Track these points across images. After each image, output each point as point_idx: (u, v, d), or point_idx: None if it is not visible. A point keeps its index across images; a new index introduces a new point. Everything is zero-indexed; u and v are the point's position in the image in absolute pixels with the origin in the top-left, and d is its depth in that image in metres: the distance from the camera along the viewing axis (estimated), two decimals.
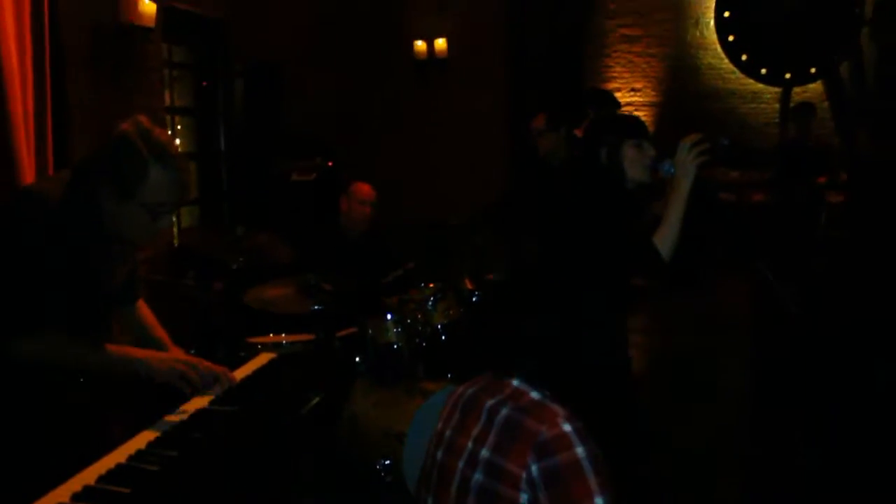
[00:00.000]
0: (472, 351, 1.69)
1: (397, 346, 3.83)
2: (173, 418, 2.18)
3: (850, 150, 5.86)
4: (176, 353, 2.44)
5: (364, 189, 4.43)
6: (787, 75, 9.06)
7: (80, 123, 4.17)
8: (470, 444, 1.58)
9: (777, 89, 9.33)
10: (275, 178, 5.64)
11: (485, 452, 1.54)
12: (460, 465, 1.58)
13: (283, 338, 3.85)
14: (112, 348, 2.18)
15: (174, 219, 5.34)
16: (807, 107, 7.40)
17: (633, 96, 9.78)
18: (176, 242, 4.66)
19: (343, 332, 3.97)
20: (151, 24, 4.55)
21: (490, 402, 1.63)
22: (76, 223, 2.09)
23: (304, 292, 3.61)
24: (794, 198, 6.85)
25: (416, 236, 4.50)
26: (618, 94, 9.75)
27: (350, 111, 7.44)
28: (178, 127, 5.70)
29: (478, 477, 1.53)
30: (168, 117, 5.34)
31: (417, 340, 3.81)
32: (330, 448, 3.54)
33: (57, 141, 3.77)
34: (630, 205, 2.75)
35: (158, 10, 4.60)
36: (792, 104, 8.35)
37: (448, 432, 1.68)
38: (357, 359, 3.85)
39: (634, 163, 2.73)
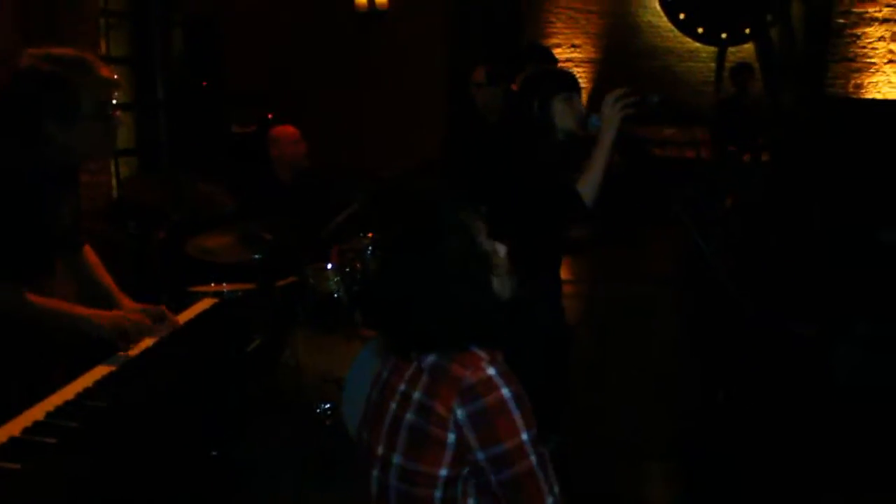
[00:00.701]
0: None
1: (337, 294, 3.93)
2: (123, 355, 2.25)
3: (774, 108, 6.06)
4: (125, 305, 2.49)
5: (288, 129, 4.48)
6: (723, 35, 9.29)
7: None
8: (403, 386, 1.66)
9: (713, 49, 9.54)
10: (214, 128, 5.61)
11: (416, 394, 1.62)
12: (393, 405, 1.66)
13: (225, 287, 3.90)
14: (58, 303, 2.21)
15: (112, 169, 5.34)
16: (745, 67, 7.59)
17: (572, 52, 9.89)
18: (115, 193, 4.65)
19: (284, 281, 4.03)
20: None
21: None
22: (19, 158, 2.11)
23: (245, 241, 3.65)
24: (728, 156, 7.06)
25: (352, 188, 4.55)
26: (558, 50, 9.86)
27: (290, 63, 7.40)
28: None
29: (409, 416, 1.61)
30: None
31: (356, 288, 3.90)
32: (271, 392, 3.64)
33: None
34: (561, 155, 2.87)
35: None
36: (728, 64, 8.56)
37: (384, 373, 1.75)
38: (298, 306, 3.93)
39: (564, 115, 2.86)
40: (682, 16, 9.53)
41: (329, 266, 3.93)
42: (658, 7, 9.57)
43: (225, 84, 6.03)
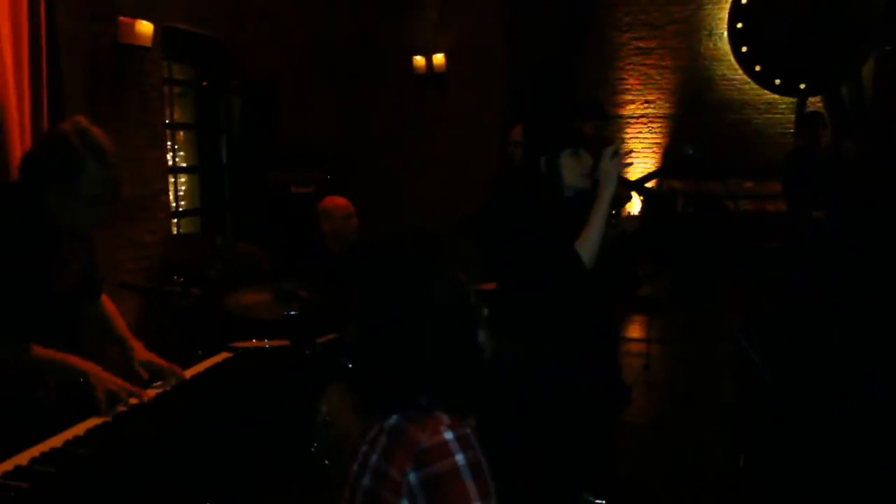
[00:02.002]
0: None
1: None
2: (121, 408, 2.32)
3: (838, 158, 5.82)
4: (136, 352, 2.59)
5: (339, 202, 4.47)
6: (802, 86, 9.06)
7: None
8: (364, 448, 1.62)
9: (791, 99, 9.31)
10: (274, 190, 5.81)
11: (374, 457, 1.58)
12: (355, 467, 1.62)
13: (266, 343, 3.98)
14: (55, 354, 2.30)
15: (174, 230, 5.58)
16: (815, 116, 7.32)
17: (646, 108, 9.83)
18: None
19: (325, 338, 4.07)
20: (148, 43, 4.77)
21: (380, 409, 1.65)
22: (15, 217, 2.25)
23: (280, 298, 3.74)
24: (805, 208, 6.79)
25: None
26: (631, 107, 9.83)
27: (350, 126, 7.60)
28: (181, 141, 5.92)
29: (366, 481, 1.57)
30: (168, 132, 5.54)
31: None
32: (304, 450, 3.66)
33: None
34: (569, 211, 2.84)
35: (157, 29, 4.82)
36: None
37: (357, 436, 1.71)
38: (342, 360, 3.95)
39: (572, 170, 2.83)
40: (757, 68, 9.36)
41: None
42: (733, 60, 9.43)
43: (282, 147, 6.25)
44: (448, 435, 1.52)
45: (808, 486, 3.81)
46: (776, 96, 9.33)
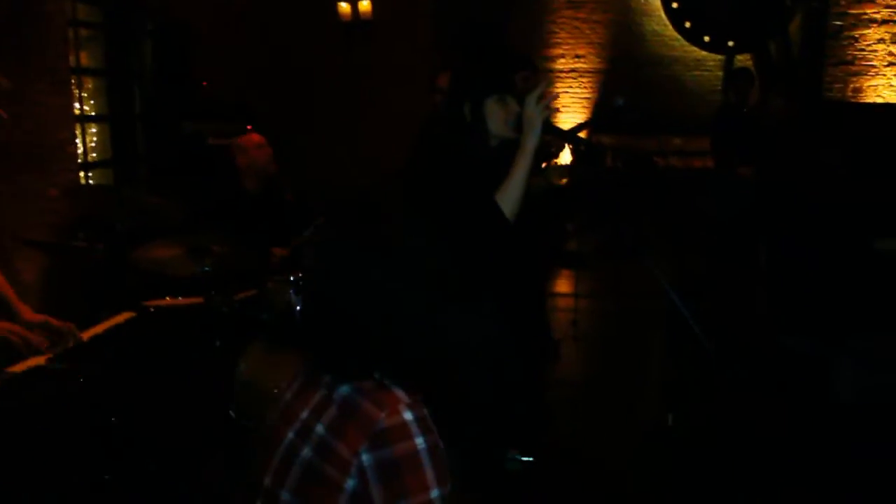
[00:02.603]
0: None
1: (298, 308, 3.80)
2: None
3: (765, 115, 5.84)
4: (24, 315, 2.41)
5: (252, 136, 4.38)
6: (730, 43, 9.10)
7: None
8: (304, 415, 1.48)
9: (721, 57, 9.35)
10: (190, 141, 5.54)
11: (319, 428, 1.44)
12: (290, 433, 1.48)
13: (181, 300, 3.80)
14: None
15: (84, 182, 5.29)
16: (743, 72, 7.33)
17: (576, 62, 9.75)
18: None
19: (243, 294, 3.91)
20: None
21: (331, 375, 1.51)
22: None
23: (193, 254, 3.55)
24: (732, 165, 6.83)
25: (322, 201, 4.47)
26: (562, 61, 9.74)
27: (272, 74, 7.30)
28: (90, 89, 5.59)
29: (307, 452, 1.44)
30: (74, 78, 5.21)
31: None
32: (222, 408, 3.51)
33: None
34: (495, 161, 2.70)
35: None
36: None
37: (287, 395, 1.56)
38: (263, 317, 3.80)
39: (498, 118, 2.67)
40: (687, 24, 9.35)
41: (292, 278, 3.80)
42: (663, 16, 9.40)
43: (198, 95, 5.96)
44: (408, 415, 1.42)
45: (736, 441, 3.84)
46: (705, 53, 9.37)
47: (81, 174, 5.22)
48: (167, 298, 3.81)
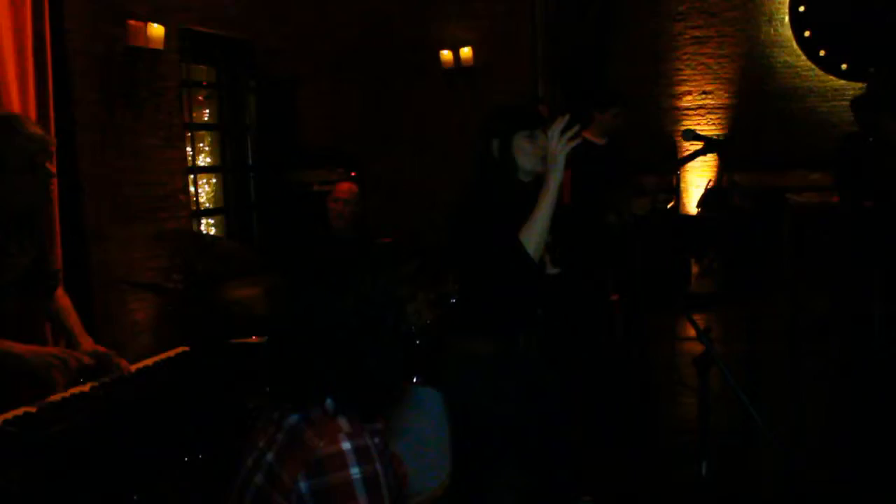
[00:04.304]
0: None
1: None
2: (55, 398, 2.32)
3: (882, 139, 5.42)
4: (83, 346, 2.60)
5: (341, 187, 4.55)
6: (871, 69, 8.56)
7: (89, 142, 4.51)
8: (261, 444, 1.56)
9: (860, 84, 8.80)
10: (296, 189, 5.81)
11: (269, 455, 1.52)
12: (249, 462, 1.57)
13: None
14: None
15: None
16: (869, 98, 6.88)
17: (704, 99, 9.47)
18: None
19: None
20: (160, 46, 4.88)
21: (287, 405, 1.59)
22: None
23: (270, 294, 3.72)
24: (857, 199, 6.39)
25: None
26: (688, 98, 9.49)
27: (375, 122, 7.52)
28: (208, 142, 6.02)
29: (259, 478, 1.52)
30: (188, 133, 5.63)
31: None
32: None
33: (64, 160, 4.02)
34: (525, 197, 2.69)
35: (171, 32, 4.93)
36: None
37: (259, 426, 1.66)
38: None
39: (527, 153, 2.67)
40: (822, 53, 8.91)
41: None
42: (795, 46, 9.02)
43: (302, 146, 6.27)
44: (346, 445, 1.46)
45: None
46: (843, 82, 8.87)
47: (194, 221, 5.62)
48: (253, 337, 3.99)
